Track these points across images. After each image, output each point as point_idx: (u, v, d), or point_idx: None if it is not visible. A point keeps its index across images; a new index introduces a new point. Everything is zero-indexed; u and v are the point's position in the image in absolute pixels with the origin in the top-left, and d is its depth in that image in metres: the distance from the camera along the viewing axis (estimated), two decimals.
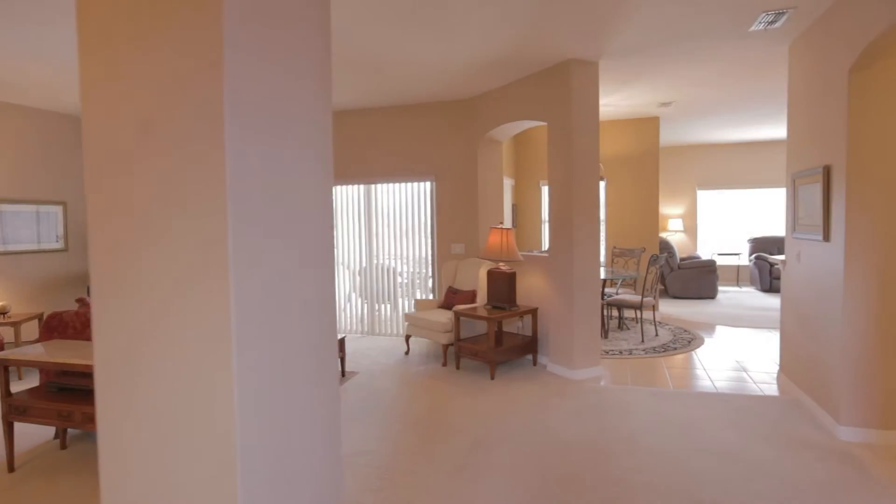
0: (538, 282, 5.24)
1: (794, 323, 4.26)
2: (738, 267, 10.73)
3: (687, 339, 6.14)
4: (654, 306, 6.29)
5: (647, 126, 7.65)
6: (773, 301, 8.68)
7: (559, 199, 4.86)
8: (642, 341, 6.06)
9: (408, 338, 5.79)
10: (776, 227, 10.64)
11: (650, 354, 5.54)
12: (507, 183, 7.77)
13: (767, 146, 10.41)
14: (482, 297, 5.49)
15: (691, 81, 5.63)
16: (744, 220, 10.82)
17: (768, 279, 9.63)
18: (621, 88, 5.92)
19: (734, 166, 10.64)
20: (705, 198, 10.98)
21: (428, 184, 6.46)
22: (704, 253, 11.00)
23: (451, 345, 5.27)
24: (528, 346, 5.13)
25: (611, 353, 5.61)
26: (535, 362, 5.23)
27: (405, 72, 5.00)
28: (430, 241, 6.53)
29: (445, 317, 5.34)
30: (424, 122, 6.38)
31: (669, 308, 8.19)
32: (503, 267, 5.11)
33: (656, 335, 6.35)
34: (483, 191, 6.17)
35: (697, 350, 5.72)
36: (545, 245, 8.21)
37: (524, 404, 4.16)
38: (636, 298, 6.17)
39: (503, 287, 5.05)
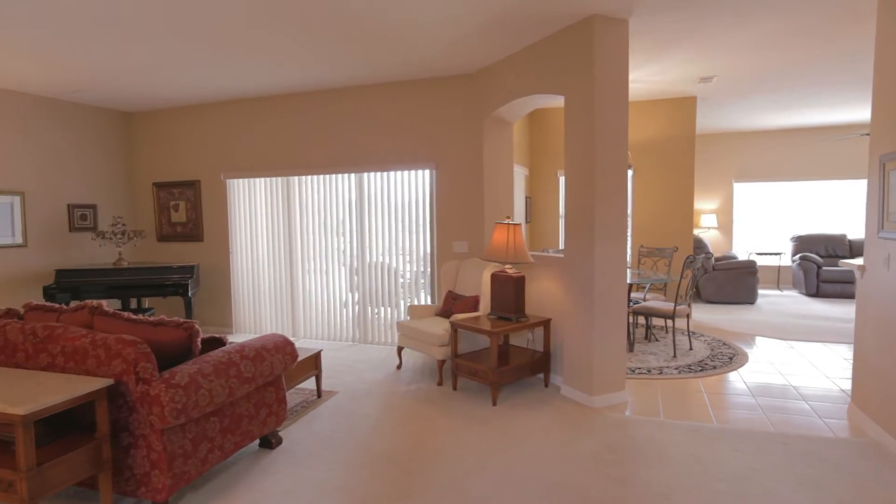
0: (552, 287, 4.40)
1: (874, 344, 3.35)
2: (779, 268, 9.69)
3: (727, 355, 5.23)
4: (688, 315, 5.40)
5: (683, 107, 6.71)
6: (821, 308, 7.67)
7: (578, 189, 4.01)
8: (674, 356, 5.18)
9: (400, 350, 5.01)
10: (824, 224, 9.56)
11: (684, 374, 4.66)
12: (520, 172, 6.92)
13: (815, 133, 9.33)
14: (486, 305, 4.68)
15: (740, 46, 4.70)
16: (786, 217, 9.76)
17: (815, 282, 8.60)
18: (654, 58, 5.02)
19: (776, 156, 9.59)
20: (742, 191, 9.95)
21: (427, 172, 5.65)
22: (740, 252, 9.98)
23: (449, 360, 4.47)
24: (539, 364, 4.31)
25: (637, 371, 4.75)
26: (546, 383, 4.40)
27: (391, 30, 4.19)
28: (429, 237, 5.73)
29: (441, 327, 4.54)
30: (422, 102, 5.56)
31: (703, 314, 7.26)
32: (509, 270, 4.29)
33: (690, 349, 5.46)
34: (490, 180, 5.34)
35: (741, 369, 4.82)
36: (563, 244, 7.33)
37: (531, 443, 3.35)
38: (668, 307, 5.28)
39: (509, 294, 4.23)
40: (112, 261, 6.57)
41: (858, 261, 3.68)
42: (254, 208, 6.48)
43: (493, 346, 3.94)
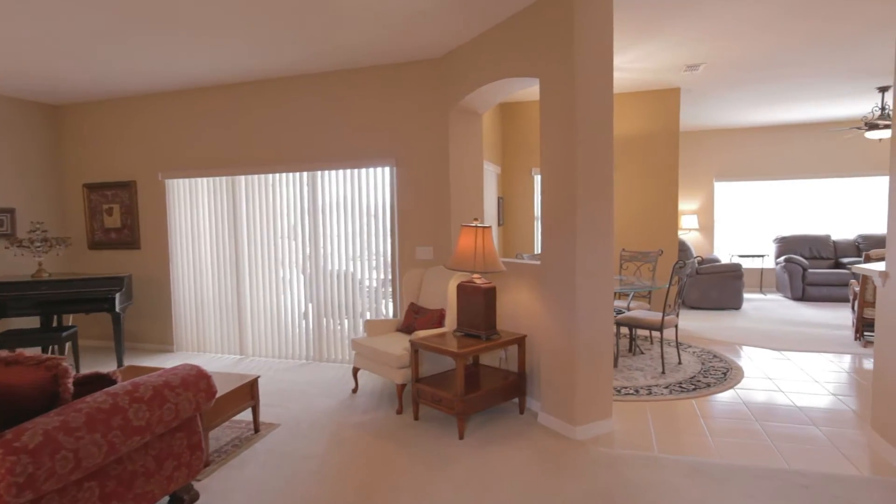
0: (527, 299, 3.85)
1: None
2: (762, 270, 9.35)
3: (720, 370, 4.75)
4: (676, 325, 4.91)
5: (666, 99, 6.25)
6: (809, 313, 7.30)
7: (557, 185, 3.46)
8: (663, 372, 4.67)
9: (356, 371, 4.39)
10: (807, 224, 9.25)
11: (676, 394, 4.15)
12: (492, 170, 6.37)
13: (799, 130, 9.02)
14: (452, 319, 4.09)
15: (731, 27, 4.23)
16: (769, 217, 9.43)
17: (801, 286, 8.24)
18: (638, 41, 4.52)
19: (758, 154, 9.25)
20: (723, 191, 9.59)
21: (387, 170, 5.05)
22: (723, 255, 9.61)
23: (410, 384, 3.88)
24: (514, 388, 3.74)
25: (623, 391, 4.22)
26: (521, 409, 3.83)
27: (338, 6, 3.59)
28: (389, 242, 5.12)
29: (401, 346, 3.94)
30: (381, 91, 4.97)
31: (688, 321, 6.81)
32: (478, 280, 3.71)
33: (679, 363, 4.96)
34: (457, 179, 4.77)
35: (737, 386, 4.33)
36: (540, 249, 6.80)
37: (504, 492, 2.77)
38: (655, 317, 4.77)
39: (478, 308, 3.65)
40: (31, 272, 5.79)
41: (879, 265, 3.20)
42: (196, 211, 5.79)
43: (460, 371, 3.36)
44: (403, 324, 4.46)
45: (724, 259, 9.45)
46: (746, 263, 9.41)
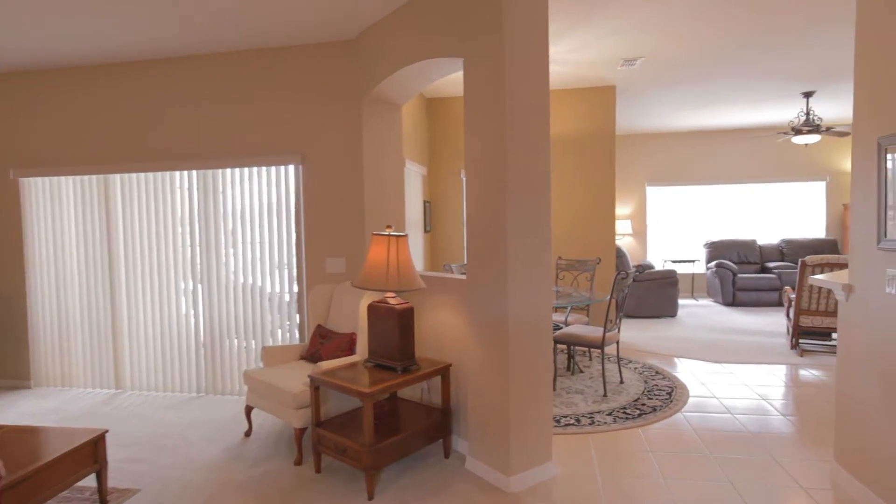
0: (452, 320, 3.25)
1: (870, 390, 2.51)
2: (694, 276, 9.30)
3: (665, 389, 4.36)
4: (617, 341, 4.49)
5: (601, 97, 5.89)
6: (742, 319, 7.20)
7: (483, 185, 2.89)
8: (605, 395, 4.22)
9: (249, 410, 3.62)
10: (734, 229, 9.29)
11: (621, 422, 3.69)
12: (416, 171, 5.77)
13: (729, 135, 9.06)
14: (365, 345, 3.43)
15: (674, 16, 3.85)
16: (698, 222, 9.40)
17: (731, 291, 8.20)
18: (574, 28, 4.06)
19: (689, 159, 9.21)
20: (655, 195, 9.49)
21: (291, 168, 4.32)
22: (656, 260, 9.50)
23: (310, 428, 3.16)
24: (437, 427, 3.13)
25: (563, 420, 3.72)
26: (447, 453, 3.22)
27: None
28: (295, 254, 4.39)
29: (301, 381, 3.24)
30: (285, 77, 4.24)
31: (626, 331, 6.48)
32: (393, 300, 3.07)
33: (621, 381, 4.55)
34: (374, 179, 4.13)
35: (684, 409, 3.94)
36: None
37: None
38: (595, 333, 4.32)
39: (392, 333, 3.01)
40: None
41: (841, 276, 2.85)
42: (60, 216, 4.79)
43: (368, 415, 2.70)
44: (309, 350, 3.75)
45: (658, 265, 9.33)
46: (679, 269, 9.33)
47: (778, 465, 3.04)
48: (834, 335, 5.83)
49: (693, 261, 9.11)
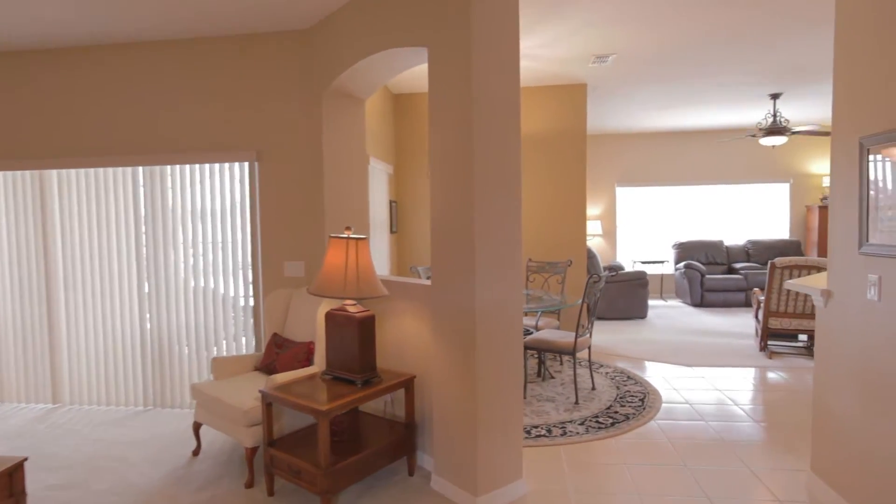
0: (416, 328, 3.04)
1: (849, 399, 2.41)
2: (662, 276, 9.31)
3: (637, 395, 4.25)
4: (589, 346, 4.36)
5: (572, 95, 5.77)
6: (711, 320, 7.20)
7: (448, 182, 2.69)
8: (576, 403, 4.08)
9: (197, 427, 3.34)
10: (702, 230, 9.35)
11: (593, 433, 3.54)
12: (382, 169, 5.54)
13: (698, 136, 9.10)
14: (324, 355, 3.19)
15: (649, 9, 3.73)
16: (667, 223, 9.42)
17: (699, 291, 8.22)
18: (545, 20, 3.91)
19: (658, 160, 9.22)
20: (624, 196, 9.47)
21: (246, 166, 4.05)
22: (625, 261, 9.48)
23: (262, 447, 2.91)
24: (401, 443, 2.92)
25: (533, 431, 3.55)
26: (411, 470, 3.02)
27: None
28: (250, 256, 4.11)
29: (253, 395, 2.98)
30: (238, 67, 3.96)
31: (597, 334, 6.39)
32: (352, 308, 2.85)
33: (593, 388, 4.42)
34: (335, 178, 3.88)
35: (657, 417, 3.83)
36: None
37: None
38: (567, 339, 4.18)
39: (351, 344, 2.79)
40: None
41: (819, 281, 2.76)
42: None
43: (324, 436, 2.47)
44: (264, 361, 3.49)
45: (627, 265, 9.31)
46: (648, 270, 9.34)
47: (754, 475, 2.94)
48: (801, 336, 5.85)
49: (662, 261, 9.13)
